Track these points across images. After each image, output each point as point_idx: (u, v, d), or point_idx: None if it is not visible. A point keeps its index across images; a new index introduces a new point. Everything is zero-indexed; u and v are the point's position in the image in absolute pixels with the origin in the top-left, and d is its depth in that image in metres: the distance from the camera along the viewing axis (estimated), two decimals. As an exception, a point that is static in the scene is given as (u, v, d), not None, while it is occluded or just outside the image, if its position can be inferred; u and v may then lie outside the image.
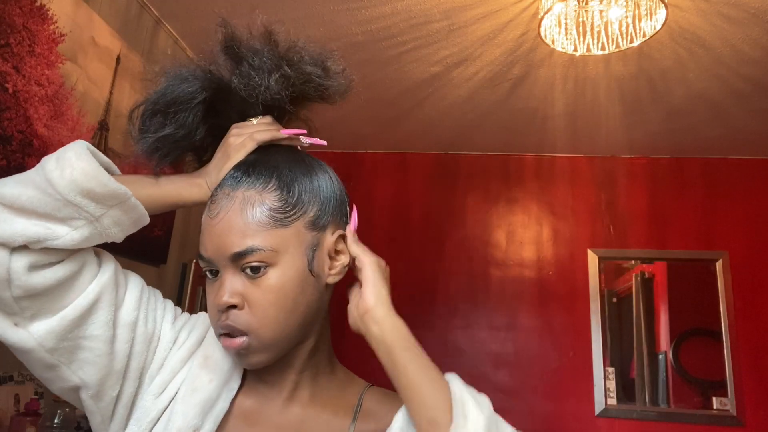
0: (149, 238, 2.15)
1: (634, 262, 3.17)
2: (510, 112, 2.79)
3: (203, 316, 0.75)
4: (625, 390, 2.98)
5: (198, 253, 0.66)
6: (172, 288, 2.40)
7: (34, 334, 0.60)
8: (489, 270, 3.20)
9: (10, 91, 1.48)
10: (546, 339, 3.06)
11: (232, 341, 0.63)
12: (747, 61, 2.24)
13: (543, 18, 1.78)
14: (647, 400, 2.96)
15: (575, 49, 1.86)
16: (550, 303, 3.10)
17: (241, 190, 0.64)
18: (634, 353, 3.04)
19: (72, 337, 0.62)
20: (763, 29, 2.04)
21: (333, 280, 0.69)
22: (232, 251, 0.62)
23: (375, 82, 2.56)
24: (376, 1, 2.00)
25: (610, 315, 3.07)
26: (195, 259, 2.50)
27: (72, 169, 0.60)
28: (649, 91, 2.52)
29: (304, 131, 0.73)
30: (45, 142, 1.58)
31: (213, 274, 0.65)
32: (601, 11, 1.78)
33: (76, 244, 0.61)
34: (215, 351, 0.70)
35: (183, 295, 2.43)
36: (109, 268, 0.67)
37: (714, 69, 2.31)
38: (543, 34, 1.84)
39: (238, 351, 0.63)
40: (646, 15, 1.76)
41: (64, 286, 0.61)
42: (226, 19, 0.71)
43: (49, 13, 1.61)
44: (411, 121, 2.98)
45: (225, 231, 0.63)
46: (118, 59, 1.94)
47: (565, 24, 1.81)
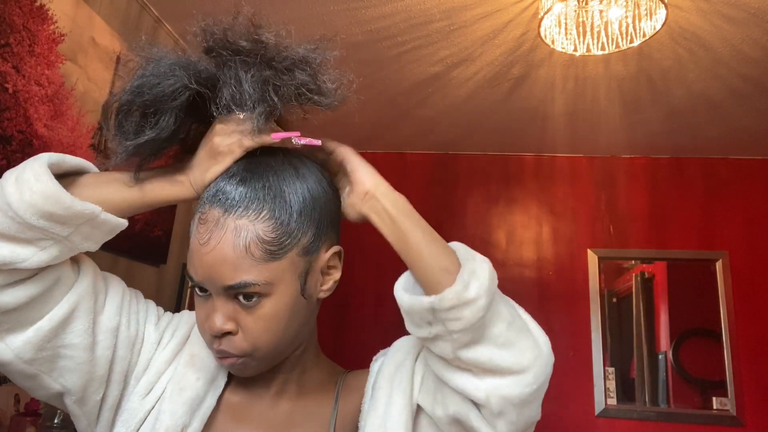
0: (149, 238, 2.15)
1: (634, 262, 3.17)
2: (510, 112, 2.79)
3: (186, 314, 0.74)
4: (625, 390, 2.98)
5: (186, 269, 0.64)
6: (172, 288, 2.39)
7: (10, 346, 0.59)
8: None
9: (10, 91, 1.48)
10: (546, 339, 3.06)
11: (226, 359, 0.63)
12: (747, 61, 2.24)
13: (543, 18, 1.78)
14: (647, 400, 2.96)
15: (575, 49, 1.86)
16: (550, 303, 3.10)
17: (232, 218, 0.60)
18: (634, 353, 3.04)
19: (50, 347, 0.61)
20: (763, 29, 2.04)
21: (324, 295, 0.69)
22: (225, 284, 0.60)
23: (375, 82, 2.56)
24: (376, 1, 1.99)
25: (610, 315, 3.07)
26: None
27: (31, 192, 0.56)
28: (649, 91, 2.52)
29: (297, 133, 0.68)
30: (45, 142, 1.58)
31: (202, 290, 0.64)
32: (601, 11, 1.78)
33: (44, 264, 0.59)
34: (201, 349, 0.70)
35: (183, 295, 2.43)
36: (87, 276, 0.65)
37: (714, 69, 2.31)
38: (543, 34, 1.84)
39: (233, 366, 0.64)
40: (646, 15, 1.76)
41: (38, 300, 0.60)
42: (212, 17, 0.65)
43: (49, 13, 1.61)
44: (411, 121, 2.97)
45: (217, 262, 0.60)
46: (118, 59, 1.94)
47: (565, 24, 1.81)
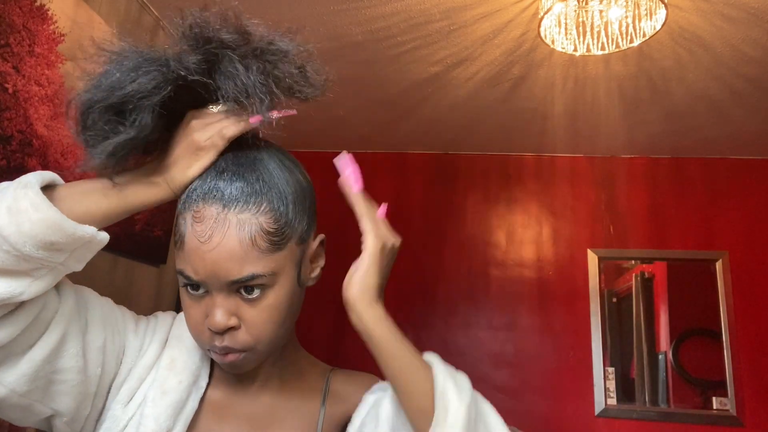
0: (149, 238, 2.15)
1: (634, 262, 3.17)
2: (510, 112, 2.79)
3: (161, 316, 0.73)
4: (625, 390, 2.98)
5: (179, 270, 0.61)
6: (173, 288, 2.40)
7: (3, 382, 0.56)
8: (489, 270, 3.20)
9: (10, 91, 1.48)
10: (546, 339, 3.06)
11: (226, 356, 0.62)
12: (747, 61, 2.24)
13: (543, 18, 1.77)
14: (647, 400, 2.96)
15: (575, 49, 1.86)
16: (550, 303, 3.10)
17: (233, 213, 0.59)
18: (633, 353, 3.04)
19: (43, 375, 0.58)
20: (763, 29, 2.04)
21: (312, 283, 0.70)
22: (231, 279, 0.59)
23: (375, 82, 2.56)
24: (376, 1, 1.99)
25: (610, 315, 3.07)
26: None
27: (30, 223, 0.52)
28: (649, 91, 2.52)
29: (273, 112, 0.63)
30: (45, 142, 1.58)
31: (195, 289, 0.61)
32: (601, 11, 1.78)
33: (39, 294, 0.56)
34: (181, 352, 0.69)
35: (183, 295, 2.43)
36: (69, 297, 0.61)
37: (714, 69, 2.31)
38: (543, 34, 1.84)
39: (233, 363, 0.63)
40: (646, 15, 1.76)
41: (28, 330, 0.56)
42: (191, 10, 0.61)
43: (49, 13, 1.61)
44: (411, 121, 2.97)
45: (222, 258, 0.58)
46: (118, 59, 1.94)
47: (565, 24, 1.81)
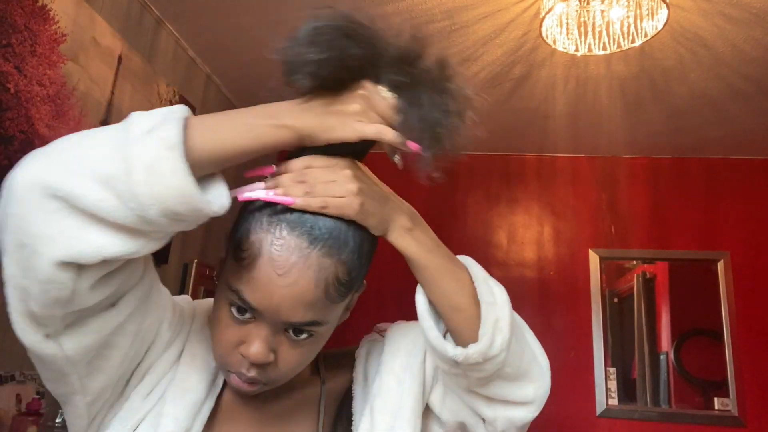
0: (150, 238, 2.15)
1: (635, 262, 3.17)
2: (511, 112, 2.79)
3: (183, 306, 0.70)
4: (627, 390, 2.98)
5: (235, 289, 0.57)
6: (173, 288, 2.40)
7: (63, 346, 0.53)
8: (490, 270, 3.10)
9: (12, 91, 1.48)
10: (547, 339, 3.02)
11: (247, 385, 0.61)
12: (749, 61, 2.23)
13: (544, 18, 1.77)
14: (648, 401, 2.96)
15: (576, 49, 1.86)
16: (551, 303, 3.09)
17: (317, 253, 0.56)
18: (635, 353, 3.04)
19: (97, 347, 0.56)
20: (764, 29, 2.04)
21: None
22: (292, 321, 0.57)
23: (376, 82, 2.56)
24: (376, 0, 1.99)
25: (612, 315, 3.07)
26: (196, 259, 2.50)
27: (164, 188, 0.48)
28: (651, 91, 2.52)
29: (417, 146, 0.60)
30: (46, 143, 1.58)
31: (242, 312, 0.58)
32: (602, 11, 1.78)
33: (149, 252, 0.53)
34: (201, 349, 0.67)
35: (184, 294, 2.44)
36: (150, 270, 0.60)
37: (716, 69, 2.31)
38: (544, 34, 1.84)
39: (248, 391, 0.62)
40: (648, 15, 1.76)
41: (114, 294, 0.55)
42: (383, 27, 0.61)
43: (51, 13, 1.61)
44: (412, 121, 2.97)
45: (293, 299, 0.56)
46: (120, 59, 1.94)
47: (567, 24, 1.81)
